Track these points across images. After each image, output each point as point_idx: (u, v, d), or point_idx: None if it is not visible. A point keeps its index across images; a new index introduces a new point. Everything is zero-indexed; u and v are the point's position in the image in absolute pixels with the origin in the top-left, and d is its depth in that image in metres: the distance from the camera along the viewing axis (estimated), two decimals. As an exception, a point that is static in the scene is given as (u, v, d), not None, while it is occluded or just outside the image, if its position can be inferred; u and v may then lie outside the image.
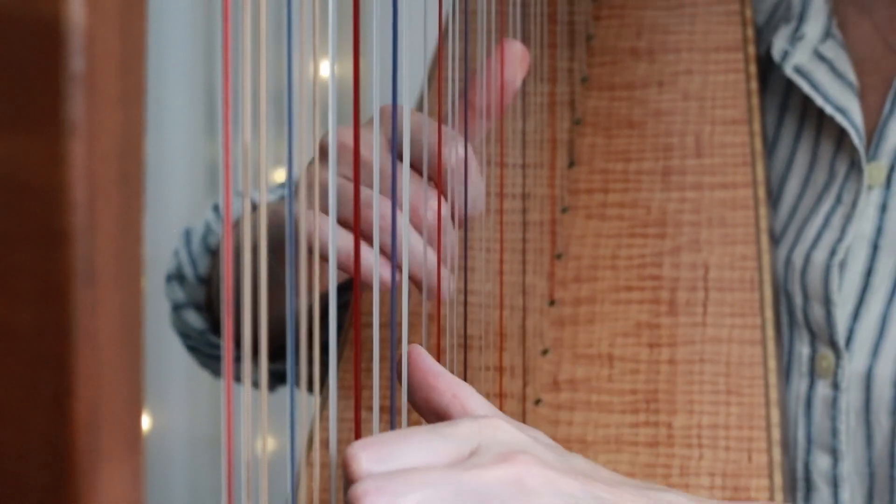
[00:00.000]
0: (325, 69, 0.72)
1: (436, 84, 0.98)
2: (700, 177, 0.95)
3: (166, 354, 1.93)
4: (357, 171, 0.65)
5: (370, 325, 0.89)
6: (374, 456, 0.59)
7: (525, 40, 0.95)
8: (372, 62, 0.69)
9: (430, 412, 0.66)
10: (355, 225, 0.66)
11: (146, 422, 1.94)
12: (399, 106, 0.70)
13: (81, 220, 0.37)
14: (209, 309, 1.06)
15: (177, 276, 1.07)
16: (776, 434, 0.84)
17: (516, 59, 0.79)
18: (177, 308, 1.07)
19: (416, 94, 0.98)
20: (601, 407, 0.87)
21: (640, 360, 0.88)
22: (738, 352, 0.87)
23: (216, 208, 1.08)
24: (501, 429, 0.62)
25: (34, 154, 0.37)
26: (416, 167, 0.76)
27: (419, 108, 0.97)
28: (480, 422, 0.62)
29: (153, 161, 1.87)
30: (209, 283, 1.06)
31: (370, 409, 0.87)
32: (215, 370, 1.12)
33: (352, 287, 0.99)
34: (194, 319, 1.06)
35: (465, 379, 0.84)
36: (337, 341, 0.65)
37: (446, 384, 0.65)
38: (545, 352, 0.89)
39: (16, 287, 0.37)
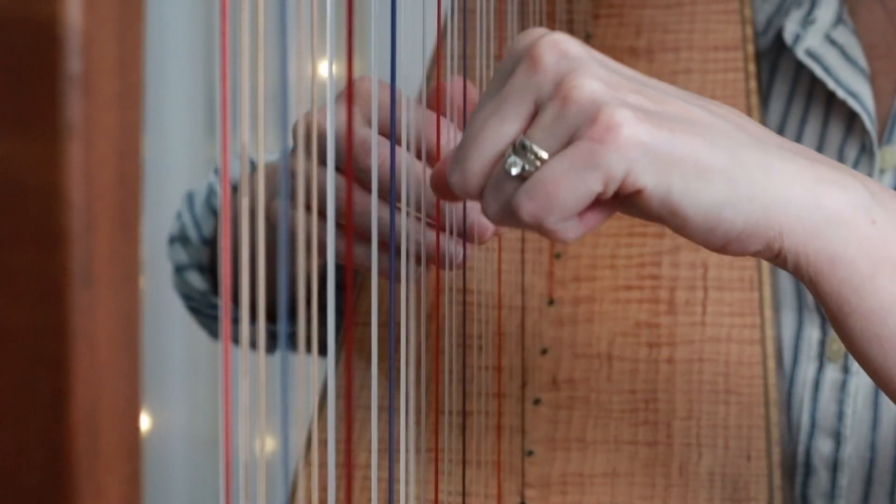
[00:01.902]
0: (323, 69, 0.72)
1: (434, 83, 0.98)
2: (699, 176, 0.95)
3: (166, 354, 1.93)
4: (348, 164, 0.65)
5: (368, 325, 0.89)
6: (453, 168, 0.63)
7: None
8: (371, 61, 0.69)
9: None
10: (348, 229, 0.66)
11: (146, 422, 1.95)
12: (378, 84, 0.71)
13: (79, 222, 0.37)
14: (212, 270, 1.06)
15: (180, 238, 1.08)
16: (775, 434, 0.84)
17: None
18: (179, 270, 1.08)
19: (415, 92, 0.98)
20: (600, 406, 0.87)
21: (640, 360, 0.88)
22: (737, 351, 0.87)
23: (218, 170, 1.09)
24: (521, 38, 0.63)
25: (31, 155, 0.37)
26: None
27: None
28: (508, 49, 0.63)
29: (153, 161, 1.87)
30: (213, 244, 1.06)
31: (368, 408, 0.87)
32: (215, 332, 1.12)
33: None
34: (197, 281, 1.06)
35: (463, 379, 0.84)
36: (336, 335, 0.65)
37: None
38: (544, 351, 0.89)
39: (13, 288, 0.37)
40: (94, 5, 0.37)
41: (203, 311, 1.09)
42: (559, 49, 0.61)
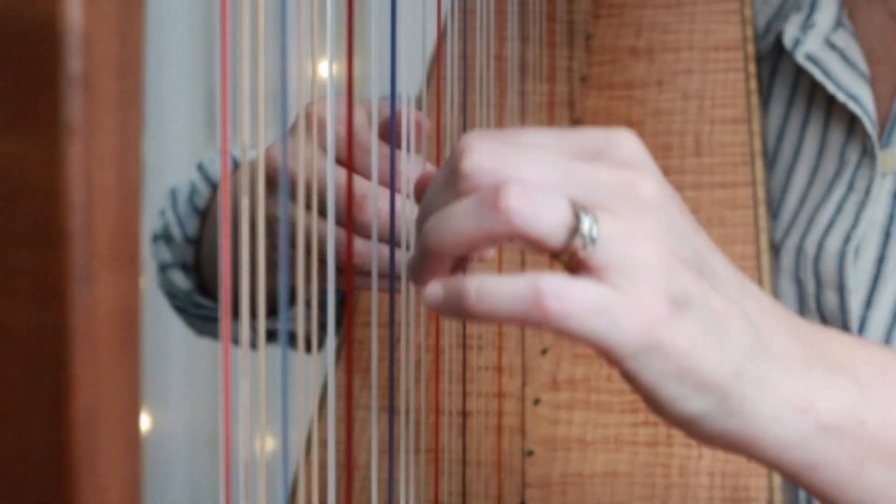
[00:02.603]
0: (323, 69, 0.72)
1: (435, 83, 0.98)
2: (699, 176, 0.95)
3: (166, 354, 1.93)
4: (351, 174, 0.65)
5: (368, 325, 0.89)
6: (489, 135, 0.58)
7: (524, 39, 0.95)
8: (371, 61, 0.69)
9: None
10: (348, 227, 0.66)
11: (146, 422, 1.95)
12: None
13: (79, 221, 0.37)
14: (196, 269, 1.06)
15: (163, 237, 1.07)
16: (775, 433, 0.84)
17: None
18: (163, 268, 1.07)
19: (415, 93, 0.99)
20: (600, 406, 0.87)
21: (640, 360, 0.87)
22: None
23: (200, 167, 1.08)
24: (628, 141, 0.59)
25: (32, 155, 0.37)
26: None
27: (418, 107, 0.97)
28: (609, 132, 0.60)
29: (153, 161, 1.87)
30: (197, 243, 1.06)
31: (368, 408, 0.87)
32: (200, 329, 1.12)
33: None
34: (181, 280, 1.06)
35: (464, 379, 0.84)
36: (336, 333, 0.65)
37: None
38: (544, 351, 0.89)
39: (14, 287, 0.37)
40: (94, 5, 0.37)
41: (188, 309, 1.09)
42: (653, 192, 0.58)
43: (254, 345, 0.52)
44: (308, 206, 0.67)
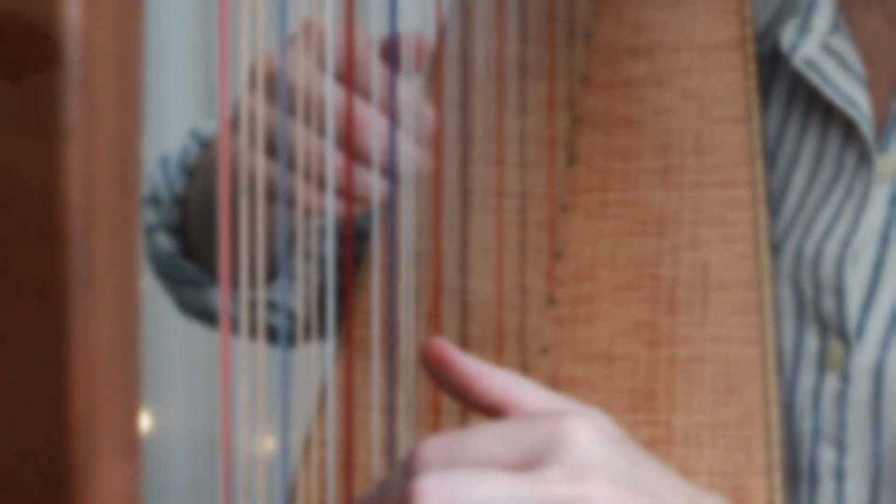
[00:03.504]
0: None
1: (435, 83, 0.98)
2: (699, 175, 0.95)
3: (166, 354, 1.93)
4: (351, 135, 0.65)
5: (368, 324, 0.89)
6: (439, 447, 0.59)
7: (524, 38, 0.95)
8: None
9: (479, 409, 0.64)
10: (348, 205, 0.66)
11: (146, 422, 1.94)
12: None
13: (78, 223, 0.37)
14: (181, 232, 1.05)
15: (151, 199, 1.07)
16: (775, 433, 0.84)
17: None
18: (148, 231, 1.06)
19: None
20: (600, 406, 0.86)
21: (640, 359, 0.88)
22: (737, 351, 0.87)
23: (193, 133, 1.08)
24: (577, 433, 0.60)
25: (31, 157, 0.37)
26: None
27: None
28: (557, 424, 0.60)
29: (153, 161, 1.87)
30: (184, 203, 1.05)
31: (368, 408, 0.87)
32: (184, 299, 1.11)
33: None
34: (165, 242, 1.05)
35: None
36: (336, 330, 0.65)
37: (490, 383, 0.64)
38: (544, 351, 0.89)
39: (13, 289, 0.37)
40: (93, 5, 0.37)
41: (170, 274, 1.07)
42: (606, 497, 0.59)
43: (253, 334, 0.52)
44: (297, 116, 0.66)
